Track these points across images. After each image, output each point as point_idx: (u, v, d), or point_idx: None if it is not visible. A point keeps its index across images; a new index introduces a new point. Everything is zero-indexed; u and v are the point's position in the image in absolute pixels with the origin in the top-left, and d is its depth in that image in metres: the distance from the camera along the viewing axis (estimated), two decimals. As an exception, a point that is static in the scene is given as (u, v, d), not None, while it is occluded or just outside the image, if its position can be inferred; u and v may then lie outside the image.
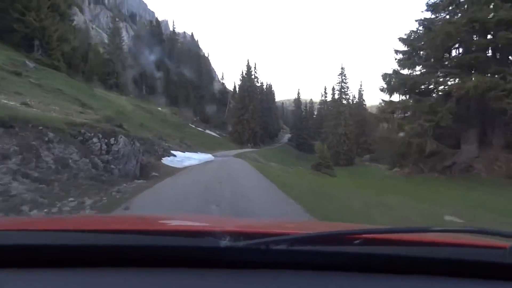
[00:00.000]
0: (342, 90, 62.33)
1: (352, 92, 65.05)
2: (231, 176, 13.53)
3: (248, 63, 58.59)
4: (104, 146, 10.27)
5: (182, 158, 19.66)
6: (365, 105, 73.26)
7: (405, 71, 26.49)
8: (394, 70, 26.86)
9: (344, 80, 62.37)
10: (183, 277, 0.84)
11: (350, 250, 0.89)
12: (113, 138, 10.73)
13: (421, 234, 1.11)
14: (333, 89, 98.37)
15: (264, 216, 6.03)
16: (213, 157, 28.61)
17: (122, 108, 37.56)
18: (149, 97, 63.70)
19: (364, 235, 0.94)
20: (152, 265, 0.85)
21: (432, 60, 25.12)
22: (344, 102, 62.76)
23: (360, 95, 72.55)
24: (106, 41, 62.25)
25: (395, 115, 27.15)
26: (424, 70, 25.73)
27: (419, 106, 24.14)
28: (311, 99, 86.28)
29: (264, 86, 69.85)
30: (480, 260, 0.90)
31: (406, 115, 27.18)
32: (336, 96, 63.29)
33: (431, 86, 25.32)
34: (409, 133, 24.05)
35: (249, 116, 55.20)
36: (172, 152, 20.18)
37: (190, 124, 55.97)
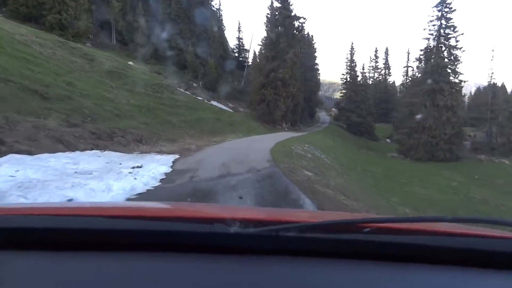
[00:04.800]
0: (443, 34, 36.03)
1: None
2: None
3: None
4: None
5: None
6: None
7: None
8: None
9: (445, 14, 36.02)
10: (192, 263, 0.84)
11: (360, 238, 0.89)
12: None
13: (432, 223, 1.11)
14: (384, 52, 72.05)
15: None
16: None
17: None
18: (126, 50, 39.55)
19: (374, 224, 0.93)
20: (162, 250, 0.85)
21: None
22: (445, 53, 36.57)
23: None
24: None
25: None
26: None
27: None
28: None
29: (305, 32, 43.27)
30: (490, 250, 0.90)
31: None
32: (431, 44, 37.04)
33: None
34: None
35: (287, 73, 29.93)
36: None
37: (179, 89, 31.40)
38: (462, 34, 35.21)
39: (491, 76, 44.90)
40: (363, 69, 52.53)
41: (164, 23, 43.61)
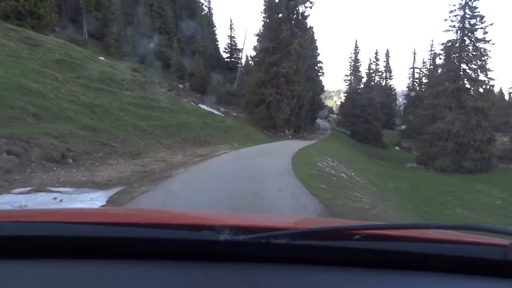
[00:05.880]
0: (468, 26, 31.11)
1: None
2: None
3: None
4: None
5: None
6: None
7: None
8: None
9: (470, 2, 31.15)
10: (182, 270, 0.83)
11: (350, 245, 0.88)
12: None
13: (421, 230, 1.11)
14: (385, 55, 67.23)
15: None
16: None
17: None
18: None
19: (364, 231, 0.94)
20: (151, 258, 0.84)
21: None
22: (470, 47, 31.60)
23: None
24: None
25: None
26: None
27: None
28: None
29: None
30: (480, 257, 0.90)
31: None
32: (453, 36, 32.01)
33: None
34: None
35: (292, 67, 24.36)
36: None
37: (161, 89, 25.81)
38: (492, 24, 30.26)
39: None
40: (369, 69, 47.29)
41: (145, 16, 38.12)
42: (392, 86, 67.39)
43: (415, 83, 55.75)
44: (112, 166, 8.15)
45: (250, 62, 30.79)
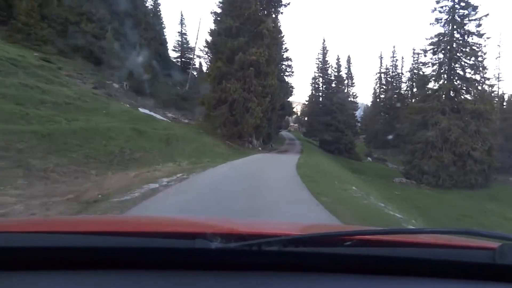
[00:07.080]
0: (458, 17, 26.93)
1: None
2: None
3: None
4: None
5: None
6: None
7: None
8: None
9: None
10: (174, 280, 0.82)
11: (342, 252, 0.88)
12: None
13: (412, 235, 1.13)
14: (347, 60, 63.65)
15: None
16: None
17: None
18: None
19: (356, 236, 0.94)
20: (142, 267, 0.83)
21: None
22: (460, 41, 27.36)
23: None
24: None
25: None
26: None
27: None
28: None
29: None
30: (470, 261, 0.91)
31: None
32: (440, 29, 27.62)
33: None
34: None
35: (264, 54, 17.79)
36: None
37: (78, 82, 18.10)
38: (487, 15, 26.20)
39: (498, 78, 36.94)
40: (338, 72, 42.37)
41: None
42: (354, 94, 63.82)
43: (382, 88, 52.11)
44: None
45: (205, 51, 23.69)
